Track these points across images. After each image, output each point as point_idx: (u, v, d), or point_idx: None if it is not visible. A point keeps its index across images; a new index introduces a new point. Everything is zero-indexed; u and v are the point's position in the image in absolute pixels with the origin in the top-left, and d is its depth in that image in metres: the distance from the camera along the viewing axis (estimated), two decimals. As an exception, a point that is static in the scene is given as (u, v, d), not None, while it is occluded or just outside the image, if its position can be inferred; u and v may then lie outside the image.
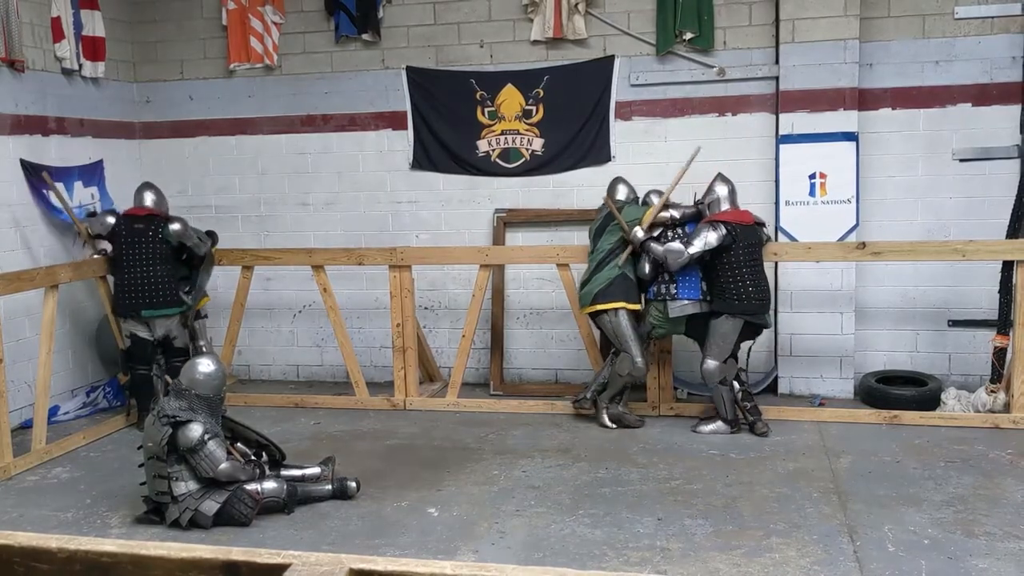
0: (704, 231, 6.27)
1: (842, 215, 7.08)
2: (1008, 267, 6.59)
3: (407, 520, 5.04)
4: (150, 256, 6.75)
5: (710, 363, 6.36)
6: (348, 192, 8.17)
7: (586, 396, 6.78)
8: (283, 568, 1.48)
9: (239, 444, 5.32)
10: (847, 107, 7.05)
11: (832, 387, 7.27)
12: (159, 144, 8.46)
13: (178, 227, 6.86)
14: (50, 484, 5.81)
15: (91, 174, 7.74)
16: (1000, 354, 6.67)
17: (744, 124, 7.40)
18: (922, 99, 7.15)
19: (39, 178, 7.10)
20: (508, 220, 7.81)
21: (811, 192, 7.13)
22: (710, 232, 6.25)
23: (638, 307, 6.52)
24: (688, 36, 7.31)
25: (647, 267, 6.45)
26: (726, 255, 6.26)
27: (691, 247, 6.23)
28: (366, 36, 7.93)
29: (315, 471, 5.48)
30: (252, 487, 5.04)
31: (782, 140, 7.19)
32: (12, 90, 6.97)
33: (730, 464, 5.80)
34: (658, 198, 6.59)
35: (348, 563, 1.48)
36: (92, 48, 7.67)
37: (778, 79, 7.22)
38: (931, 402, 6.78)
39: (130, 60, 8.38)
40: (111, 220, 6.96)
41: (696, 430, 6.45)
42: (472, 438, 6.49)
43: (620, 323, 6.45)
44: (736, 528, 4.81)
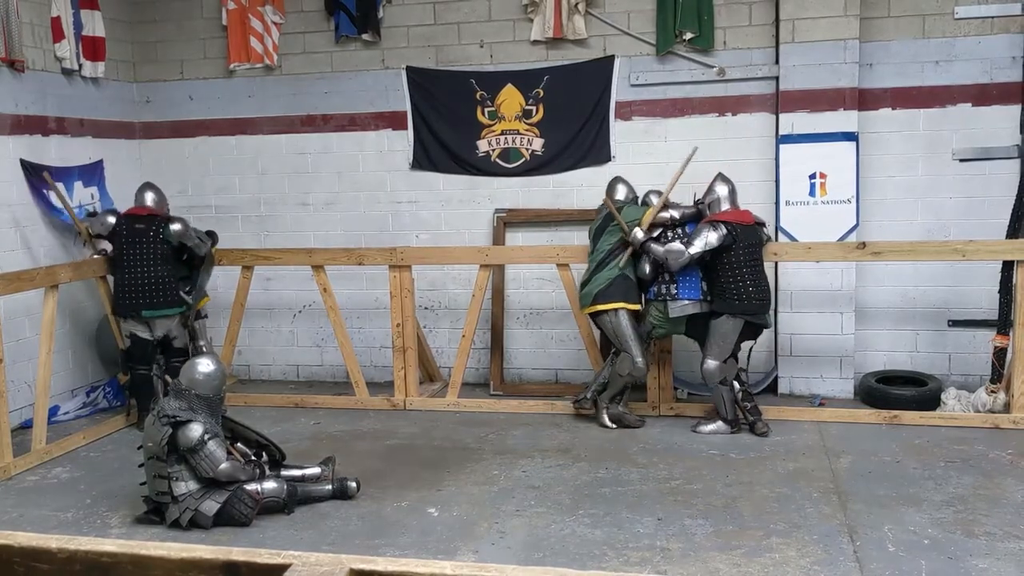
0: (705, 231, 6.27)
1: (842, 215, 7.08)
2: (1008, 267, 6.59)
3: (407, 520, 5.04)
4: (151, 256, 6.74)
5: (710, 363, 6.36)
6: (348, 192, 8.17)
7: (586, 396, 6.78)
8: (283, 568, 1.48)
9: (239, 444, 5.32)
10: (847, 107, 7.05)
11: (832, 387, 7.27)
12: (159, 144, 8.46)
13: (179, 227, 6.86)
14: (50, 484, 5.81)
15: (91, 174, 7.74)
16: (1000, 354, 6.67)
17: (744, 124, 7.40)
18: (922, 99, 7.16)
19: (39, 178, 7.10)
20: (508, 220, 7.81)
21: (811, 192, 7.14)
22: (711, 232, 6.25)
23: (638, 307, 6.52)
24: (688, 36, 7.31)
25: (647, 267, 6.45)
26: (727, 255, 6.26)
27: (692, 247, 6.23)
28: (366, 36, 7.93)
29: (315, 471, 5.47)
30: (252, 487, 5.04)
31: (782, 140, 7.19)
32: (12, 90, 6.97)
33: (730, 464, 5.80)
34: (657, 198, 6.59)
35: (348, 563, 1.48)
36: (92, 48, 7.67)
37: (778, 79, 7.22)
38: (931, 402, 6.78)
39: (130, 60, 8.38)
40: (112, 220, 6.96)
41: (696, 430, 6.45)
42: (472, 438, 6.49)
43: (620, 323, 6.45)
44: (736, 528, 4.81)
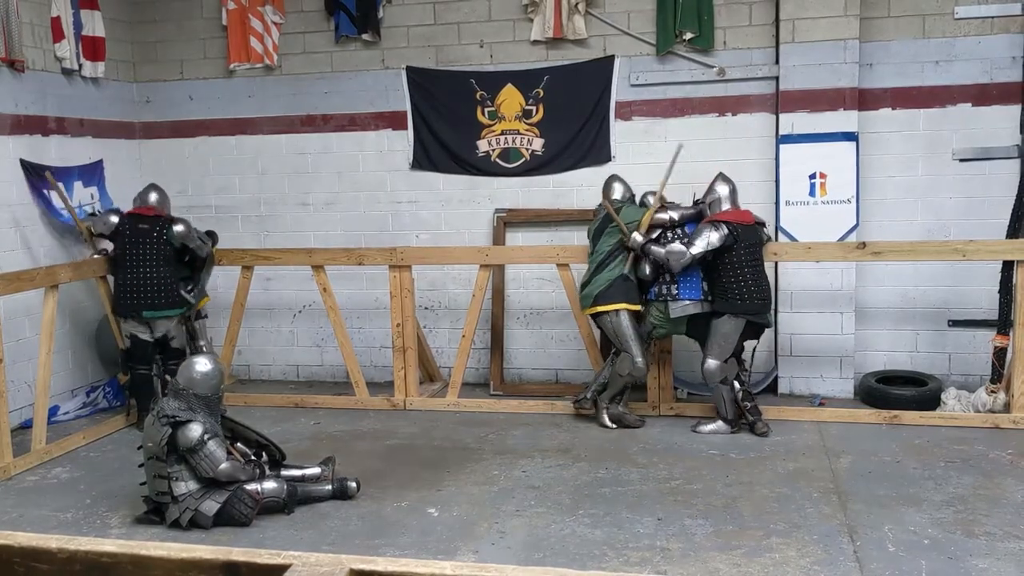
0: (706, 231, 6.27)
1: (842, 215, 7.08)
2: (1008, 267, 6.59)
3: (407, 520, 5.04)
4: (153, 256, 6.74)
5: (711, 363, 6.36)
6: (348, 192, 8.17)
7: (586, 396, 6.78)
8: (283, 568, 1.48)
9: (239, 444, 5.32)
10: (847, 107, 7.05)
11: (832, 387, 7.27)
12: (159, 144, 8.46)
13: (182, 228, 6.85)
14: (50, 484, 5.81)
15: (91, 174, 7.74)
16: (1000, 354, 6.67)
17: (744, 124, 7.40)
18: (922, 99, 7.16)
19: (40, 178, 7.10)
20: (508, 220, 7.81)
21: (811, 192, 7.14)
22: (712, 232, 6.25)
23: (639, 308, 6.52)
24: (688, 36, 7.31)
25: (648, 268, 6.44)
26: (728, 255, 6.26)
27: (693, 247, 6.23)
28: (366, 36, 7.93)
29: (315, 471, 5.47)
30: (252, 487, 5.04)
31: (782, 140, 7.19)
32: (12, 90, 6.97)
33: (730, 464, 5.80)
34: (655, 199, 6.59)
35: (348, 563, 1.48)
36: (92, 48, 7.67)
37: (778, 79, 7.22)
38: (931, 402, 6.78)
39: (130, 60, 8.38)
40: (114, 220, 6.95)
41: (696, 430, 6.45)
42: (472, 438, 6.49)
43: (621, 323, 6.45)
44: (736, 528, 4.81)
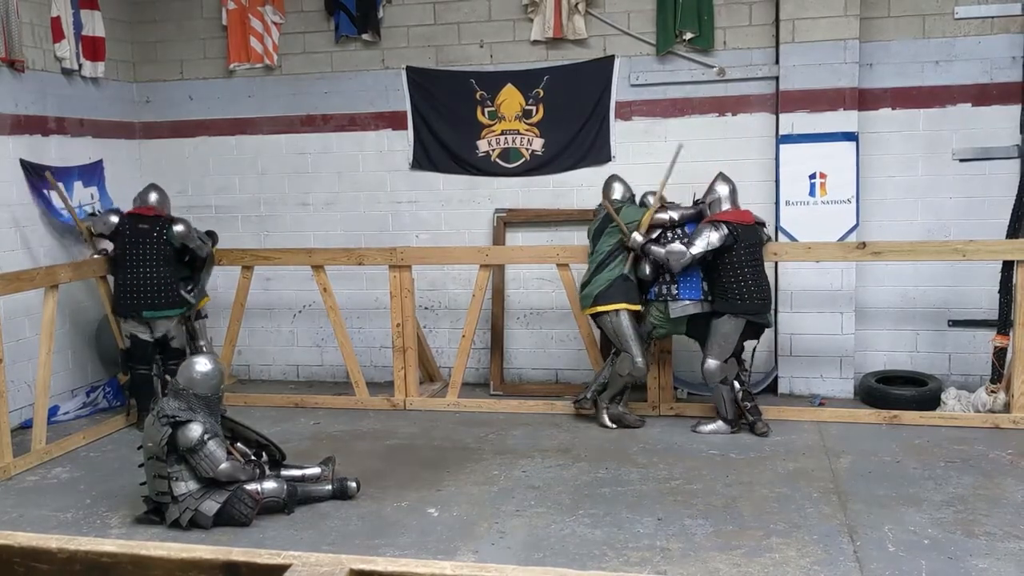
0: (706, 231, 6.27)
1: (842, 215, 7.08)
2: (1008, 267, 6.59)
3: (407, 520, 5.04)
4: (154, 256, 6.73)
5: (711, 363, 6.36)
6: (348, 192, 8.17)
7: (586, 396, 6.78)
8: (283, 568, 1.48)
9: (239, 444, 5.32)
10: (847, 107, 7.05)
11: (832, 387, 7.27)
12: (159, 144, 8.46)
13: (182, 228, 6.85)
14: (50, 484, 5.81)
15: (91, 174, 7.74)
16: (1000, 354, 6.67)
17: (744, 124, 7.40)
18: (922, 99, 7.16)
19: (39, 178, 7.10)
20: (508, 220, 7.81)
21: (811, 192, 7.14)
22: (712, 232, 6.25)
23: (639, 308, 6.52)
24: (688, 36, 7.31)
25: (648, 268, 6.44)
26: (728, 255, 6.26)
27: (693, 247, 6.23)
28: (366, 36, 7.93)
29: (315, 471, 5.47)
30: (252, 487, 5.04)
31: (782, 140, 7.19)
32: (12, 90, 6.97)
33: (730, 464, 5.80)
34: (655, 199, 6.59)
35: (348, 563, 1.48)
36: (92, 48, 7.67)
37: (778, 79, 7.22)
38: (931, 402, 6.78)
39: (130, 60, 8.38)
40: (114, 219, 6.95)
41: (696, 430, 6.45)
42: (472, 438, 6.49)
43: (621, 323, 6.45)
44: (736, 528, 4.81)
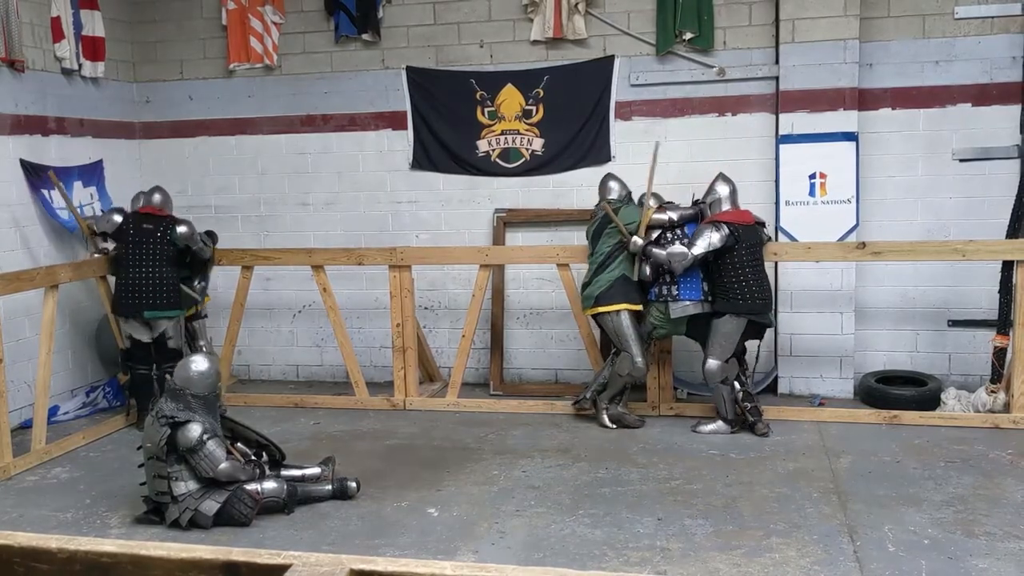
0: (706, 231, 6.27)
1: (842, 215, 7.08)
2: (1008, 267, 6.59)
3: (407, 520, 5.04)
4: (156, 256, 6.73)
5: (712, 363, 6.35)
6: (348, 192, 8.17)
7: (585, 396, 6.78)
8: (283, 569, 1.47)
9: (239, 444, 5.32)
10: (847, 107, 7.05)
11: (832, 387, 7.27)
12: (159, 144, 8.46)
13: (185, 230, 6.85)
14: (50, 484, 5.81)
15: (91, 174, 7.74)
16: (1000, 354, 6.67)
17: (744, 124, 7.40)
18: (922, 99, 7.15)
19: (39, 178, 7.10)
20: (508, 220, 7.81)
21: (811, 192, 7.13)
22: (713, 232, 6.25)
23: (639, 307, 6.52)
24: (688, 36, 7.31)
25: (648, 269, 6.44)
26: (729, 255, 6.26)
27: (694, 248, 6.22)
28: (366, 36, 7.93)
29: (315, 471, 5.47)
30: (252, 487, 5.04)
31: (782, 140, 7.19)
32: (12, 90, 6.97)
33: (730, 464, 5.80)
34: (653, 200, 6.59)
35: (348, 563, 1.48)
36: (92, 48, 7.67)
37: (778, 79, 7.22)
38: (931, 402, 6.78)
39: (130, 60, 8.38)
40: (118, 219, 6.95)
41: (696, 430, 6.45)
42: (472, 438, 6.49)
43: (622, 323, 6.45)
44: (736, 528, 4.81)
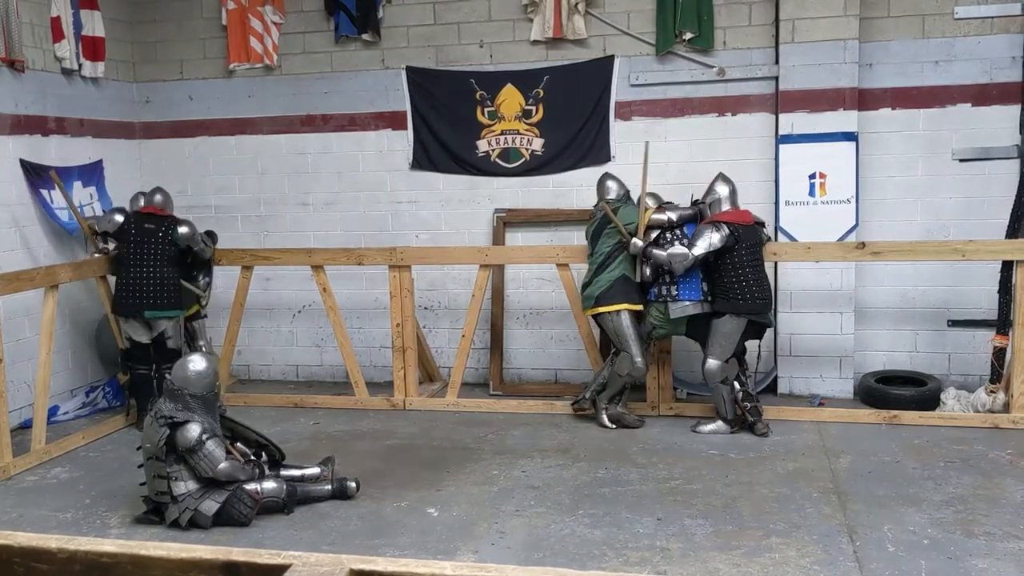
0: (707, 232, 6.27)
1: (842, 215, 7.08)
2: (1008, 267, 6.59)
3: (407, 520, 5.04)
4: (157, 256, 6.73)
5: (712, 363, 6.35)
6: (348, 192, 8.17)
7: (585, 396, 6.78)
8: (283, 569, 1.47)
9: (239, 444, 5.32)
10: (847, 107, 7.05)
11: (832, 387, 7.27)
12: (159, 144, 8.46)
13: (187, 230, 6.85)
14: (49, 484, 5.81)
15: (90, 174, 7.74)
16: (999, 354, 6.67)
17: (744, 124, 7.40)
18: (922, 99, 7.15)
19: (39, 178, 7.10)
20: (508, 220, 7.81)
21: (811, 192, 7.13)
22: (713, 233, 6.25)
23: (640, 307, 6.52)
24: (688, 36, 7.31)
25: (647, 270, 6.44)
26: (729, 256, 6.26)
27: (695, 249, 6.22)
28: (366, 36, 7.92)
29: (315, 471, 5.47)
30: (252, 487, 5.04)
31: (782, 140, 7.19)
32: (12, 90, 6.97)
33: (730, 464, 5.80)
34: (652, 201, 6.59)
35: (348, 563, 1.48)
36: (92, 48, 7.67)
37: (778, 79, 7.22)
38: (931, 402, 6.78)
39: (130, 60, 8.38)
40: (119, 218, 6.95)
41: (696, 430, 6.45)
42: (472, 438, 6.49)
43: (622, 323, 6.45)
44: (736, 528, 4.81)
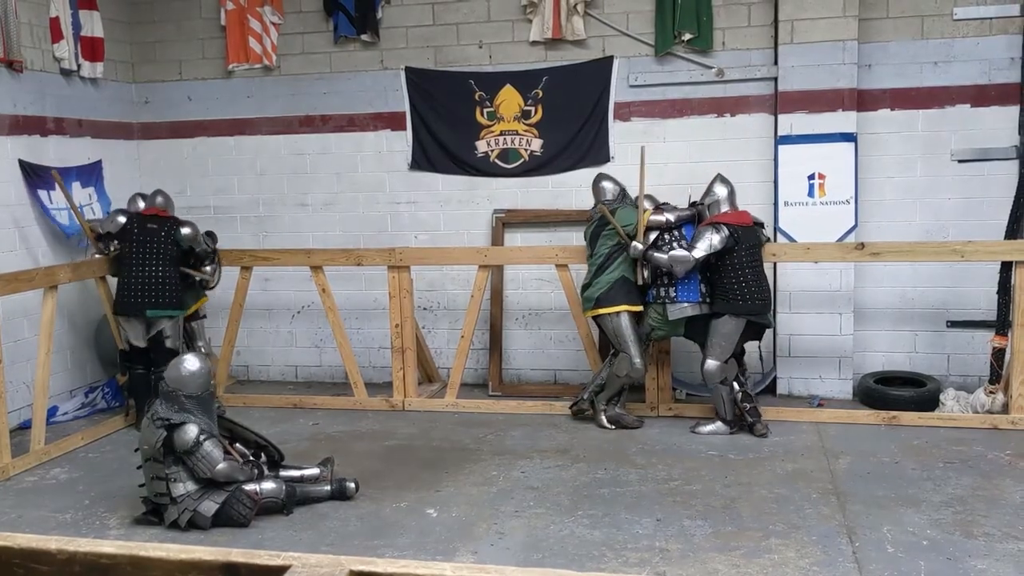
0: (707, 234, 6.26)
1: (841, 216, 7.08)
2: (1007, 268, 6.59)
3: (406, 521, 5.04)
4: (159, 256, 6.73)
5: (711, 363, 6.35)
6: (347, 193, 8.17)
7: (583, 397, 6.78)
8: (283, 570, 1.47)
9: (238, 445, 5.31)
10: (846, 108, 7.05)
11: (831, 388, 7.27)
12: (158, 144, 8.46)
13: (189, 231, 6.86)
14: (49, 485, 5.80)
15: (89, 174, 7.74)
16: (999, 355, 6.67)
17: (743, 125, 7.40)
18: (921, 100, 7.16)
19: (38, 178, 7.10)
20: (507, 220, 7.81)
21: (810, 193, 7.14)
22: (713, 234, 6.25)
23: (639, 309, 6.52)
24: (687, 37, 7.31)
25: (646, 272, 6.44)
26: (729, 257, 6.26)
27: (696, 251, 6.22)
28: (365, 37, 7.92)
29: (314, 472, 5.47)
30: (251, 488, 5.03)
31: (781, 141, 7.19)
32: (11, 90, 6.97)
33: (729, 465, 5.80)
34: (648, 203, 6.58)
35: (348, 564, 1.47)
36: (91, 48, 7.67)
37: (777, 80, 7.22)
38: (930, 403, 6.79)
39: (129, 60, 8.37)
40: (122, 219, 6.96)
41: (695, 431, 6.45)
42: (471, 439, 6.49)
43: (621, 324, 6.45)
44: (735, 529, 4.81)
